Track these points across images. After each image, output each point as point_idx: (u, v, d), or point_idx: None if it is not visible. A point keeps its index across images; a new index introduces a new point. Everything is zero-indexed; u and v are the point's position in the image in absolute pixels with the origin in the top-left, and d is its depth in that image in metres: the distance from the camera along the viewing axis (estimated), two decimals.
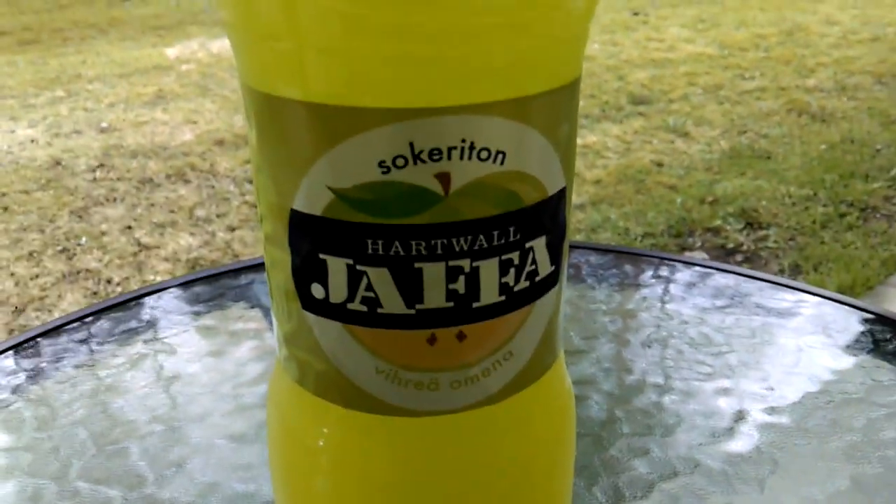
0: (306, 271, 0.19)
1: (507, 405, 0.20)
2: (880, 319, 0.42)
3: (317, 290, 0.19)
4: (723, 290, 0.45)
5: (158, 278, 1.63)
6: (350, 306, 0.18)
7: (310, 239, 0.18)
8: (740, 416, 0.35)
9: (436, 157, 0.17)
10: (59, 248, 1.77)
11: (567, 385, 0.23)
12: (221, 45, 3.56)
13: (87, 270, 1.69)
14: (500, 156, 0.17)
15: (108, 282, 1.64)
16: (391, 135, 0.17)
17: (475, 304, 0.19)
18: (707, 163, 2.11)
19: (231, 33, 0.18)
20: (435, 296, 0.18)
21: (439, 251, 0.18)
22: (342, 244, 0.18)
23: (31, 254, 1.74)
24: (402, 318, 0.18)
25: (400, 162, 0.17)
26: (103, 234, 1.84)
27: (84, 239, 1.81)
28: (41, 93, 2.91)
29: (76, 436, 0.34)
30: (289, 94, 0.17)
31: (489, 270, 0.18)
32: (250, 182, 2.09)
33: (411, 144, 0.17)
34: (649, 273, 0.48)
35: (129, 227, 1.87)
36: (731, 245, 1.69)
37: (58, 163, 2.24)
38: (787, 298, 0.44)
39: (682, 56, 3.17)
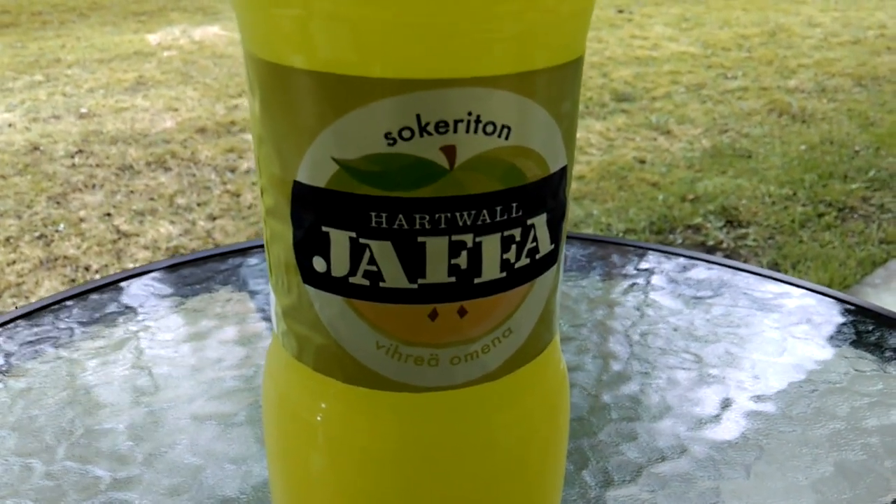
0: (308, 244, 0.19)
1: (505, 382, 0.20)
2: (862, 311, 0.42)
3: (318, 264, 0.19)
4: (708, 281, 0.46)
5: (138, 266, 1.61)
6: (352, 280, 0.18)
7: (313, 211, 0.18)
8: (726, 404, 0.35)
9: (442, 130, 0.17)
10: (37, 234, 1.75)
11: (562, 366, 0.23)
12: (204, 33, 3.53)
13: (66, 257, 1.67)
14: (506, 130, 0.17)
15: (87, 269, 1.62)
16: (398, 106, 0.16)
17: (477, 280, 0.19)
18: (689, 161, 2.13)
19: (236, 0, 0.18)
20: (437, 270, 0.18)
21: (443, 225, 0.18)
22: (345, 217, 0.18)
23: (7, 239, 1.71)
24: (404, 293, 0.18)
25: (406, 134, 0.17)
26: (82, 220, 1.82)
27: (62, 225, 1.78)
28: (19, 77, 2.86)
29: (63, 416, 0.34)
30: (295, 62, 0.17)
31: (491, 246, 0.18)
32: (232, 171, 2.07)
33: (418, 116, 0.17)
34: (635, 263, 0.48)
35: (109, 215, 1.85)
36: (711, 242, 1.71)
37: (36, 148, 2.21)
38: (771, 290, 0.45)
39: (665, 54, 3.19)
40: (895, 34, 3.54)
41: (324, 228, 0.18)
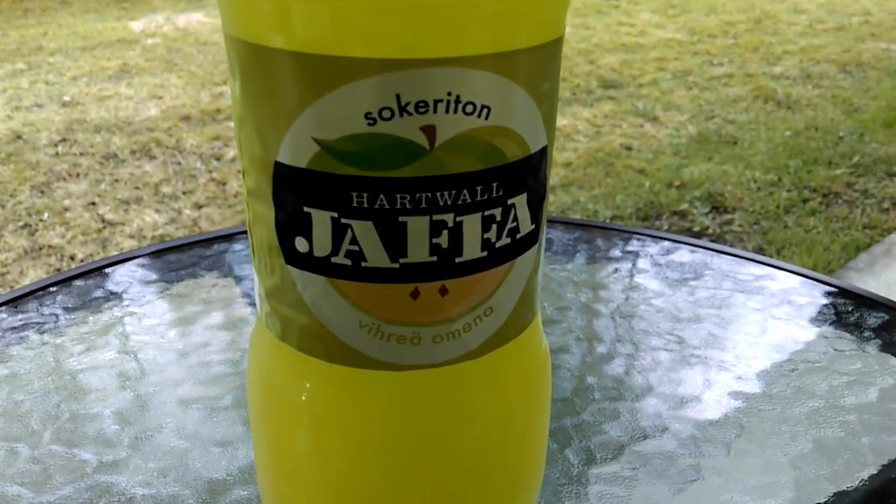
0: (290, 225, 0.19)
1: (486, 360, 0.21)
2: (842, 293, 0.43)
3: (300, 244, 0.19)
4: (691, 264, 0.46)
5: None
6: (334, 260, 0.19)
7: (294, 192, 0.18)
8: (708, 384, 0.35)
9: (422, 110, 0.17)
10: (21, 223, 1.73)
11: (544, 345, 0.24)
12: (188, 20, 3.49)
13: (50, 246, 1.66)
14: (486, 110, 0.18)
15: (72, 258, 1.61)
16: (378, 86, 0.17)
17: (458, 259, 0.19)
18: (675, 147, 2.14)
19: None
20: (419, 250, 0.18)
21: (424, 205, 0.18)
22: (327, 197, 0.18)
23: None
24: (385, 272, 0.18)
25: (386, 114, 0.17)
26: (66, 209, 1.80)
27: (46, 214, 1.77)
28: (0, 65, 2.83)
29: (48, 401, 0.34)
30: (274, 43, 0.17)
31: (472, 225, 0.19)
32: (217, 159, 2.06)
33: (398, 96, 0.17)
34: (619, 247, 0.48)
35: (93, 204, 1.83)
36: (696, 228, 1.72)
37: (18, 136, 2.18)
38: (753, 272, 0.45)
39: (652, 41, 3.19)
40: (879, 21, 3.56)
41: (305, 209, 0.18)
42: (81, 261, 1.59)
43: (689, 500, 0.29)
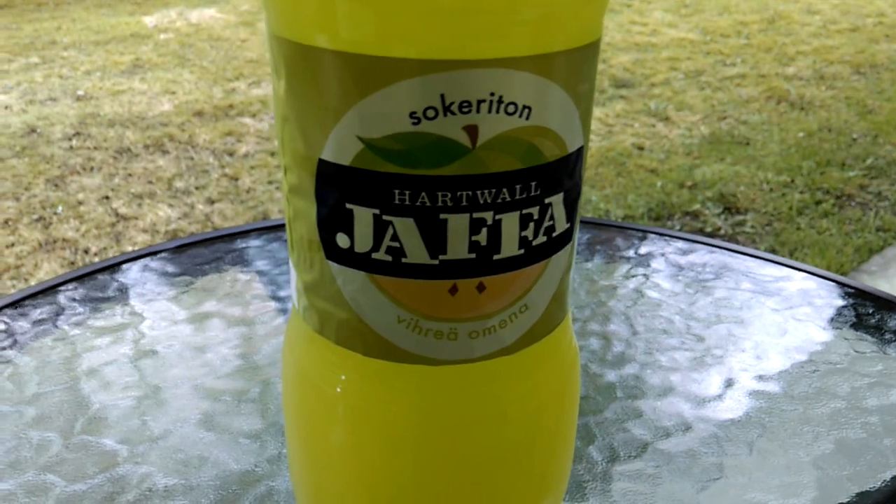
0: (332, 221, 0.19)
1: (519, 357, 0.21)
2: (862, 294, 0.43)
3: (342, 240, 0.19)
4: (709, 264, 0.46)
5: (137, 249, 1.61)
6: (375, 256, 0.19)
7: (337, 189, 0.19)
8: (729, 384, 0.36)
9: (465, 110, 0.17)
10: (35, 216, 1.75)
11: (574, 343, 0.24)
12: (201, 15, 3.50)
13: (64, 240, 1.67)
14: (526, 110, 0.18)
15: (86, 251, 1.62)
16: (423, 86, 0.17)
17: (496, 257, 0.19)
18: (687, 147, 2.13)
19: None
20: (458, 247, 0.19)
21: (464, 203, 0.18)
22: (369, 194, 0.18)
23: (6, 222, 1.71)
24: (425, 269, 0.19)
25: (430, 113, 0.17)
26: (80, 203, 1.81)
27: (60, 208, 1.78)
28: (15, 59, 2.85)
29: (78, 392, 0.34)
30: (321, 43, 0.17)
31: (510, 224, 0.19)
32: (230, 155, 2.07)
33: (442, 96, 0.17)
34: (638, 246, 0.49)
35: (107, 198, 1.84)
36: (709, 229, 1.72)
37: (33, 130, 2.20)
38: (772, 273, 0.45)
39: (664, 41, 3.18)
40: (894, 22, 3.54)
41: (348, 205, 0.19)
42: (95, 254, 1.61)
43: (712, 497, 0.29)
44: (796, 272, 0.45)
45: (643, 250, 0.48)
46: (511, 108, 0.18)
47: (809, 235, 1.68)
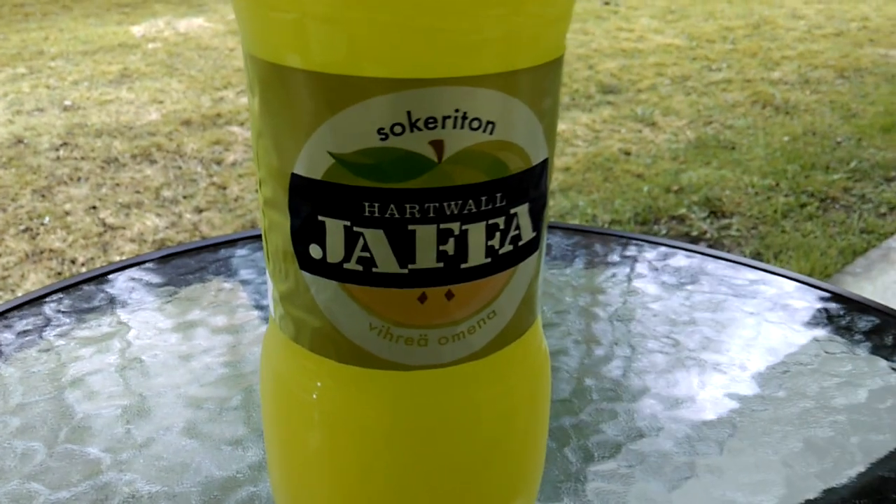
0: (305, 233, 0.20)
1: (489, 361, 0.22)
2: (835, 297, 0.44)
3: (314, 251, 0.20)
4: (688, 269, 0.47)
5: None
6: (346, 266, 0.20)
7: (309, 202, 0.19)
8: (702, 385, 0.37)
9: (431, 126, 0.18)
10: (22, 227, 1.74)
11: (544, 347, 0.25)
12: (188, 24, 3.51)
13: (51, 250, 1.67)
14: (490, 126, 0.19)
15: (73, 262, 1.62)
16: (390, 103, 0.18)
17: (463, 265, 0.20)
18: (673, 152, 2.15)
19: (236, 3, 0.19)
20: (426, 256, 0.19)
21: (431, 214, 0.19)
22: (340, 207, 0.19)
23: None
24: (395, 277, 0.20)
25: (398, 129, 0.18)
26: (67, 213, 1.81)
27: (48, 218, 1.78)
28: (1, 69, 2.84)
29: (61, 401, 0.35)
30: (293, 63, 0.18)
31: (477, 233, 0.20)
32: (218, 164, 2.07)
33: (409, 113, 0.18)
34: (617, 252, 0.50)
35: (94, 208, 1.84)
36: (695, 233, 1.73)
37: (20, 141, 2.20)
38: (747, 277, 0.46)
39: (651, 47, 3.21)
40: (878, 26, 3.58)
41: (320, 218, 0.19)
42: (82, 265, 1.60)
43: (683, 496, 0.30)
44: (772, 276, 0.46)
45: (624, 255, 0.49)
46: (475, 124, 0.19)
47: (794, 238, 1.70)
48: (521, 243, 0.21)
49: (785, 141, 2.23)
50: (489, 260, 0.20)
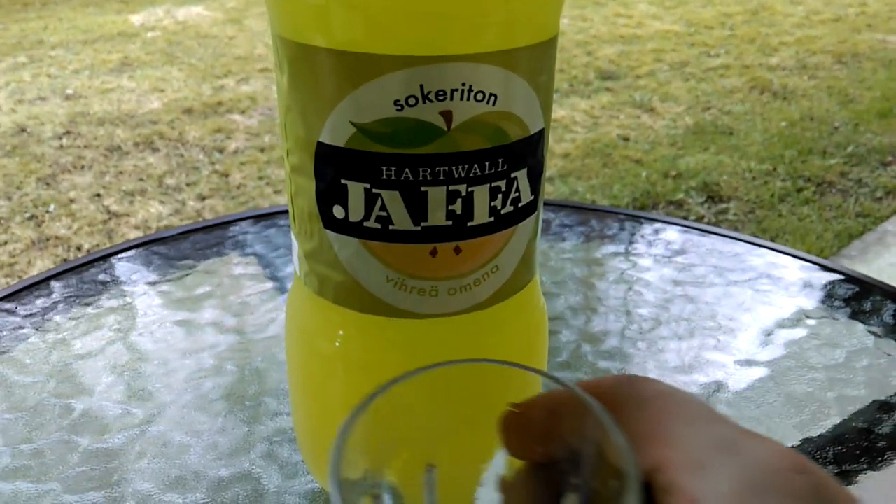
0: (329, 195, 0.22)
1: (492, 312, 0.24)
2: (817, 266, 0.46)
3: (338, 211, 0.22)
4: (680, 242, 0.50)
5: None
6: (366, 224, 0.22)
7: (333, 167, 0.22)
8: (691, 348, 0.39)
9: (441, 98, 0.20)
10: (28, 215, 1.77)
11: (541, 303, 0.27)
12: (187, 13, 3.52)
13: (57, 237, 1.69)
14: (493, 98, 0.21)
15: (78, 248, 1.65)
16: (405, 78, 0.20)
17: (469, 223, 0.22)
18: (671, 138, 2.17)
19: None
20: (437, 215, 0.22)
21: (441, 177, 0.21)
22: (361, 171, 0.21)
23: None
24: (409, 234, 0.22)
25: (412, 101, 0.20)
26: (72, 201, 1.83)
27: (52, 206, 1.80)
28: (2, 59, 2.85)
29: (98, 363, 0.37)
30: (319, 43, 0.21)
31: (481, 195, 0.22)
32: (220, 151, 2.09)
33: (421, 86, 0.20)
34: (614, 227, 0.52)
35: (98, 195, 1.87)
36: (692, 217, 1.76)
37: (23, 129, 2.22)
38: (736, 250, 0.49)
39: (649, 33, 3.22)
40: (875, 12, 3.59)
41: (342, 181, 0.22)
42: (88, 251, 1.63)
43: None
44: (758, 248, 0.49)
45: (619, 230, 0.51)
46: (480, 96, 0.21)
47: (791, 222, 1.72)
48: (520, 205, 0.23)
49: (782, 126, 2.25)
50: (492, 219, 0.23)
